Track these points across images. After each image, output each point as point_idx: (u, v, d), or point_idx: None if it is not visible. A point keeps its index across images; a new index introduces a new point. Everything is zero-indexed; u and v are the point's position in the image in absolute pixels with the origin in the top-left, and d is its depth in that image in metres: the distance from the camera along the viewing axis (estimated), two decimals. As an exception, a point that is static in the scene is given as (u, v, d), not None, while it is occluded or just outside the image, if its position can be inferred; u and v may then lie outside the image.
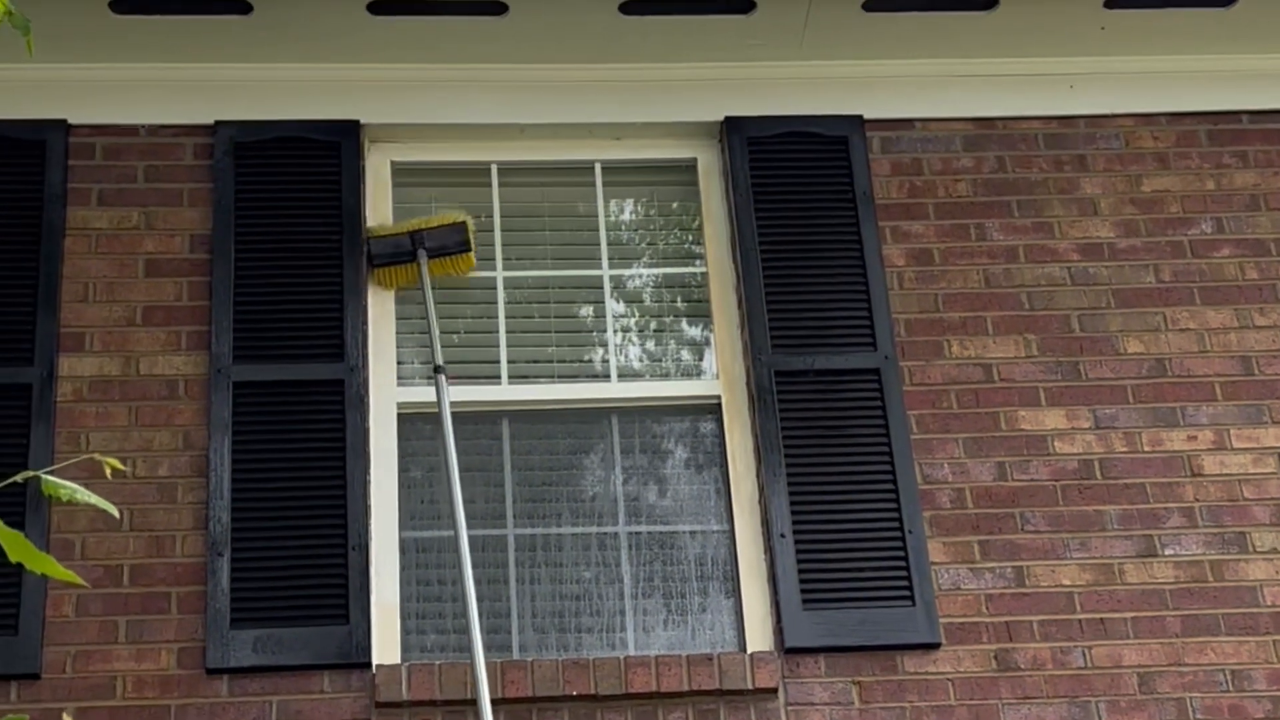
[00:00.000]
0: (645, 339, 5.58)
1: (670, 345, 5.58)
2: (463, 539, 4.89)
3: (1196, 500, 5.26)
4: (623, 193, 5.81)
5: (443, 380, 5.20)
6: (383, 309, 5.47)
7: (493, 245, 5.67)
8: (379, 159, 5.70)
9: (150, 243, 5.43)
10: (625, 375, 5.51)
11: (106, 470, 2.73)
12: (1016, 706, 4.94)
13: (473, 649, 4.71)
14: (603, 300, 5.62)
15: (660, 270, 5.70)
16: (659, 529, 5.30)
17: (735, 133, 5.69)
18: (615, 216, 5.78)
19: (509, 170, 5.79)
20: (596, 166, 5.80)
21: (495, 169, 5.77)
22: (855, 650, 4.97)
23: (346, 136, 5.59)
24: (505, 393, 5.42)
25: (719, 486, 5.33)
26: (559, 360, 5.53)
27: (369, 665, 4.88)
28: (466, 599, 4.80)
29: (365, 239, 5.47)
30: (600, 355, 5.54)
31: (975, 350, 5.44)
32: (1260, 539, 5.22)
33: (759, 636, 5.05)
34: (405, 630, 5.07)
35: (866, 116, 5.77)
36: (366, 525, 5.05)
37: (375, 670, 4.86)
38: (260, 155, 5.55)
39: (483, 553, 5.22)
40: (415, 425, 5.36)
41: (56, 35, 5.42)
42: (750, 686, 4.87)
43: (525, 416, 5.42)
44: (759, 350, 5.36)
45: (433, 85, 5.71)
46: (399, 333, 5.47)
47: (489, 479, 5.32)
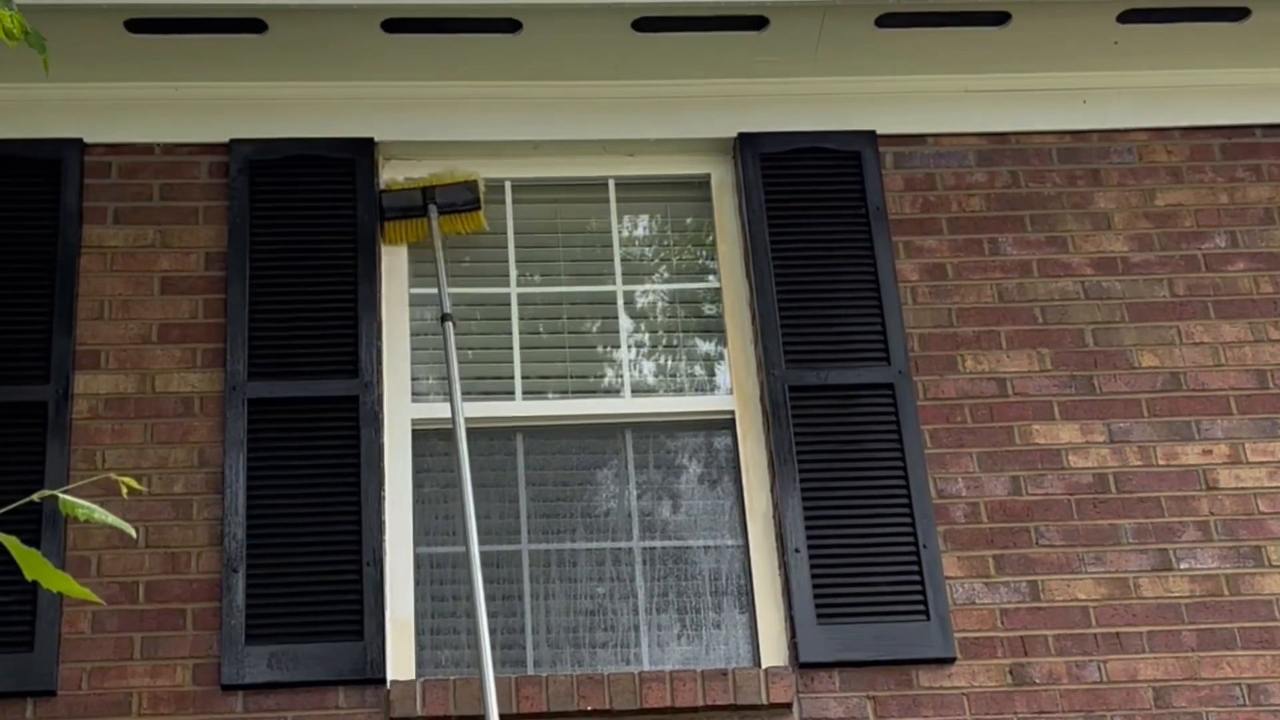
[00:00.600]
0: (659, 354, 5.59)
1: (684, 360, 5.59)
2: (472, 528, 4.92)
3: (1211, 514, 5.25)
4: (636, 209, 5.82)
5: (450, 329, 5.29)
6: (397, 325, 5.48)
7: (507, 261, 5.68)
8: (393, 176, 5.71)
9: (165, 261, 5.45)
10: (639, 391, 5.52)
11: (123, 490, 2.74)
12: (1032, 721, 4.93)
13: (481, 664, 4.71)
14: (616, 316, 5.62)
15: (674, 286, 5.71)
16: (673, 544, 5.30)
17: (749, 148, 5.70)
18: (629, 232, 5.79)
19: (523, 187, 5.80)
20: (610, 183, 5.82)
21: (509, 186, 5.79)
22: (870, 665, 4.96)
23: (361, 154, 5.61)
24: (519, 408, 5.43)
25: (733, 501, 5.34)
26: (573, 376, 5.54)
27: (384, 681, 4.88)
28: (476, 610, 4.80)
29: (378, 193, 5.55)
30: (614, 371, 5.55)
31: (989, 364, 5.44)
32: (1276, 552, 5.21)
33: (773, 651, 5.04)
34: (420, 646, 5.07)
35: (880, 132, 5.78)
36: (381, 541, 5.05)
37: (390, 686, 4.86)
38: (275, 173, 5.57)
39: (497, 568, 5.23)
40: (430, 441, 5.37)
41: (72, 55, 5.44)
42: (765, 702, 4.87)
43: (539, 432, 5.42)
44: (773, 365, 5.36)
45: (447, 103, 5.73)
46: (413, 349, 5.48)
47: (503, 494, 5.33)
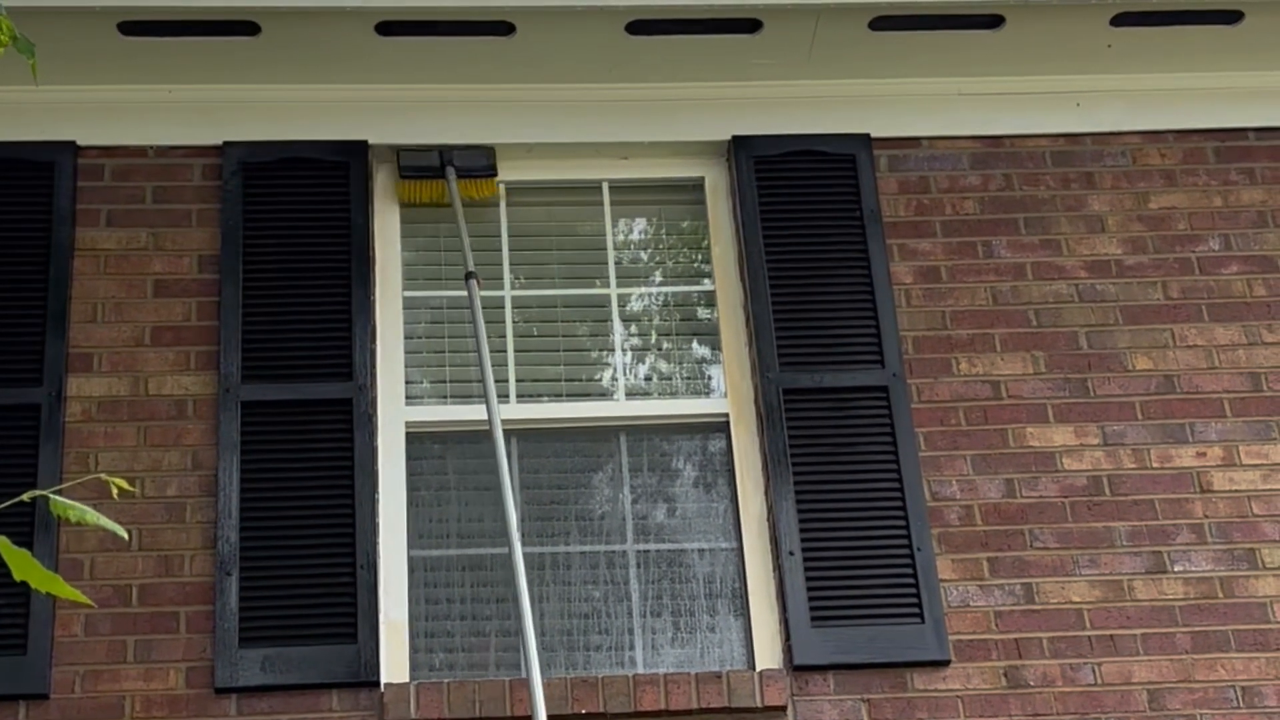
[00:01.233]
0: (653, 357, 5.59)
1: (678, 363, 5.58)
2: (514, 526, 4.93)
3: (1206, 516, 5.25)
4: (630, 211, 5.81)
5: (474, 285, 5.35)
6: (391, 328, 5.47)
7: (500, 265, 5.68)
8: (387, 179, 5.71)
9: (159, 263, 5.45)
10: (633, 394, 5.51)
11: (113, 491, 2.73)
12: (1026, 724, 4.93)
13: (529, 664, 4.71)
14: (610, 319, 5.62)
15: (668, 289, 5.71)
16: (667, 547, 5.30)
17: (742, 151, 5.70)
18: (623, 235, 5.79)
19: (517, 190, 5.80)
20: (604, 186, 5.81)
21: (503, 188, 5.78)
22: (864, 668, 4.96)
23: (354, 157, 5.60)
24: (513, 411, 5.42)
25: (728, 504, 5.33)
26: (567, 379, 5.53)
27: (377, 684, 4.87)
28: (521, 612, 4.79)
29: (397, 151, 5.61)
30: (608, 374, 5.55)
31: (983, 367, 5.44)
32: (1270, 555, 5.21)
33: (768, 654, 5.04)
34: (414, 649, 5.06)
35: (874, 135, 5.78)
36: (375, 544, 5.05)
37: (384, 689, 4.86)
38: (268, 176, 5.56)
39: (491, 571, 5.22)
40: (423, 444, 5.36)
41: (65, 57, 5.44)
42: (759, 704, 4.86)
43: (533, 435, 5.42)
44: (767, 368, 5.36)
45: (440, 105, 5.73)
46: (407, 352, 5.47)
47: (497, 497, 5.31)
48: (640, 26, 5.57)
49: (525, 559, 5.21)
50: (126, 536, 2.69)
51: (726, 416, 5.42)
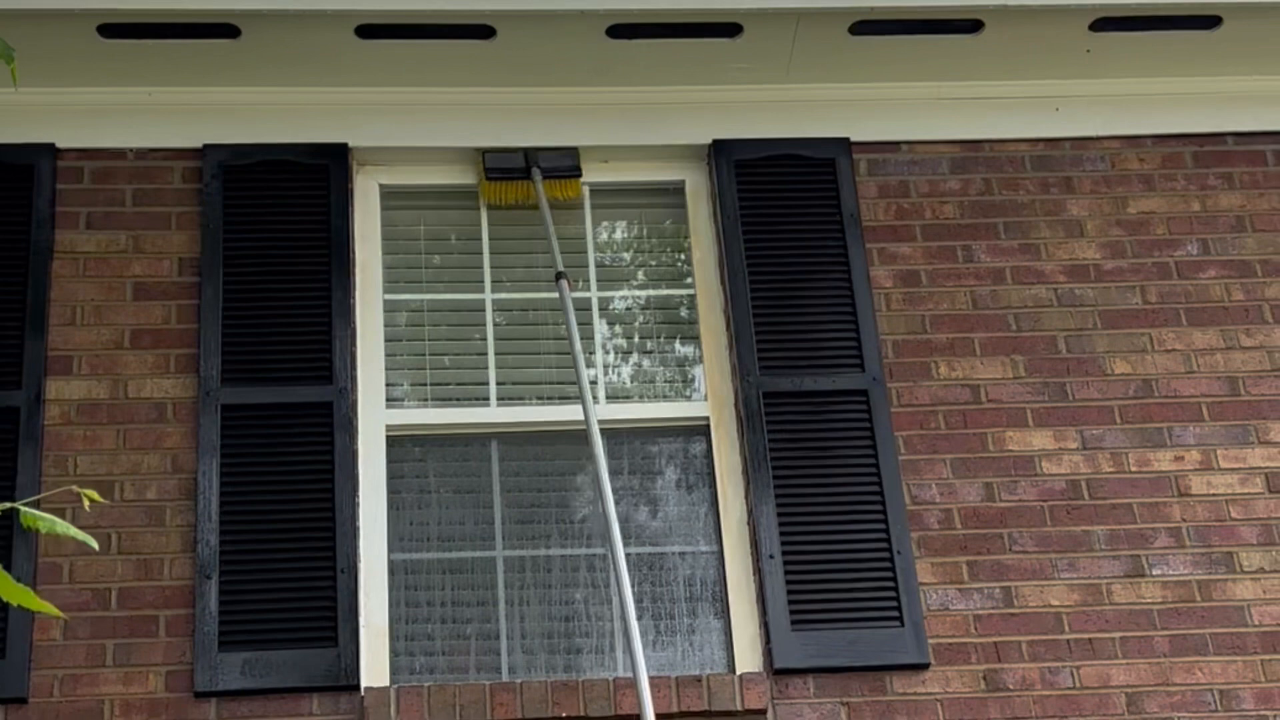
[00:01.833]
0: (634, 360, 5.59)
1: (659, 367, 5.59)
2: (614, 526, 4.94)
3: (1184, 520, 5.27)
4: (611, 215, 5.82)
5: (565, 285, 5.39)
6: (371, 331, 5.47)
7: (481, 268, 5.68)
8: (367, 182, 5.71)
9: (138, 266, 5.44)
10: (614, 397, 5.52)
11: (85, 502, 2.73)
12: (1005, 727, 4.95)
13: (635, 665, 4.72)
14: (591, 322, 5.62)
15: (649, 292, 5.71)
16: (648, 550, 5.30)
17: (723, 155, 5.71)
18: (604, 238, 5.79)
19: (498, 193, 5.80)
20: (585, 189, 5.82)
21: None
22: (844, 671, 4.97)
23: (335, 160, 5.60)
24: (494, 414, 5.43)
25: (708, 507, 5.34)
26: (548, 382, 5.53)
27: (358, 687, 4.87)
28: (626, 613, 4.81)
29: (482, 153, 5.63)
30: (589, 377, 5.54)
31: (963, 371, 5.46)
32: (1248, 559, 5.23)
33: (748, 657, 5.05)
34: (394, 652, 5.06)
35: (853, 139, 5.79)
36: (355, 547, 5.04)
37: (364, 693, 4.85)
38: (248, 178, 5.56)
39: (471, 574, 5.22)
40: (404, 447, 5.36)
41: (44, 59, 5.42)
42: (739, 708, 4.87)
43: (514, 438, 5.42)
44: (747, 371, 5.37)
45: (421, 108, 5.73)
46: (387, 355, 5.47)
47: (478, 500, 5.32)
48: (621, 30, 5.58)
49: (506, 562, 5.21)
50: (97, 546, 2.69)
51: (707, 420, 5.43)
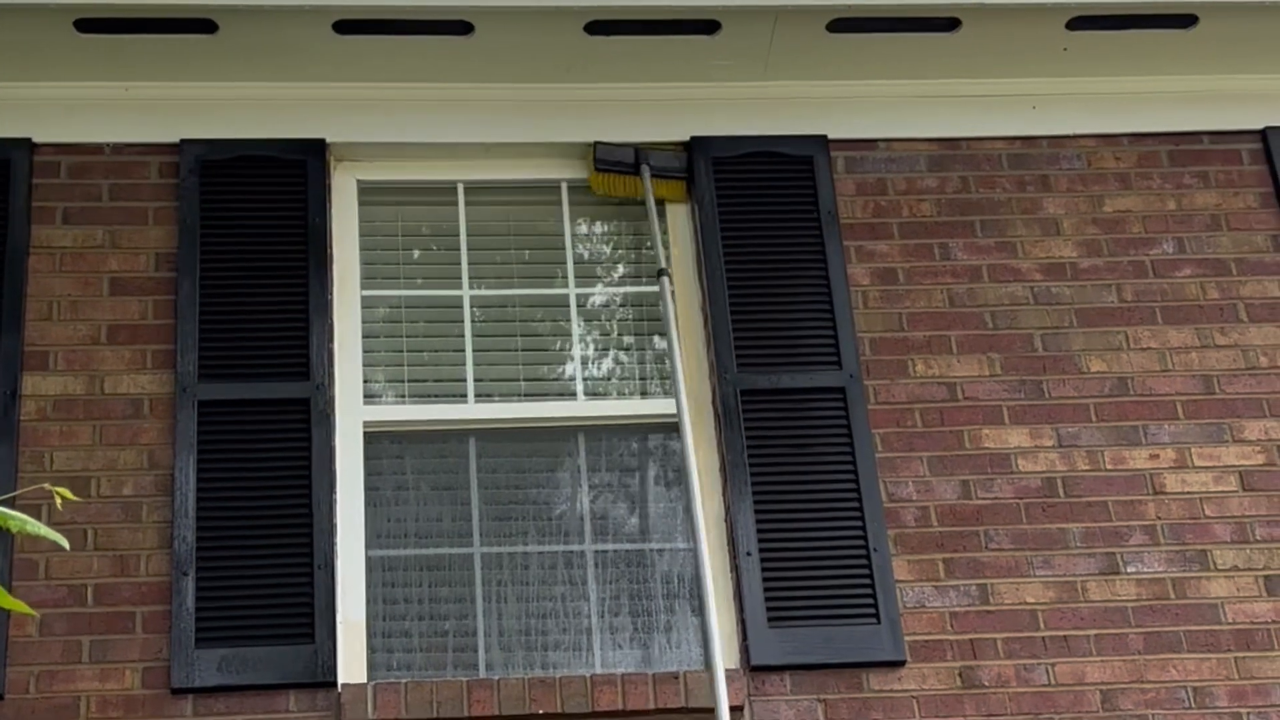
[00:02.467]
0: (611, 357, 5.59)
1: (636, 363, 5.59)
2: (699, 519, 5.01)
3: (1158, 518, 5.30)
4: (589, 212, 5.81)
5: (666, 282, 5.44)
6: (349, 327, 5.46)
7: (459, 264, 5.67)
8: (345, 178, 5.70)
9: (115, 261, 5.42)
10: (591, 394, 5.52)
11: (57, 500, 2.73)
12: (981, 724, 4.96)
13: (711, 658, 4.78)
14: (569, 319, 5.62)
15: (626, 289, 5.72)
16: (625, 547, 5.31)
17: (701, 152, 5.72)
18: (581, 235, 5.79)
19: (475, 189, 5.79)
20: (563, 186, 5.82)
21: (461, 188, 5.78)
22: (821, 668, 4.98)
23: (312, 155, 5.59)
24: (472, 411, 5.43)
25: (685, 504, 5.34)
26: (525, 379, 5.53)
27: (335, 684, 4.86)
28: (705, 607, 4.86)
29: (593, 144, 5.66)
30: (566, 374, 5.55)
31: (939, 369, 5.47)
32: (1221, 556, 5.26)
33: (725, 655, 5.05)
34: (371, 649, 5.06)
35: (831, 136, 5.80)
36: (332, 544, 5.04)
37: (341, 689, 4.85)
38: (226, 174, 5.54)
39: (449, 571, 5.22)
40: (382, 444, 5.36)
41: (21, 54, 5.41)
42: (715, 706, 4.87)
43: (492, 435, 5.42)
44: (724, 369, 5.37)
45: (399, 104, 5.72)
46: (365, 351, 5.46)
47: (456, 497, 5.32)
48: (599, 27, 5.57)
49: (483, 559, 5.22)
50: (69, 546, 2.70)
51: (677, 419, 5.42)
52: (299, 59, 5.57)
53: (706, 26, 5.61)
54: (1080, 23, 5.73)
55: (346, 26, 5.49)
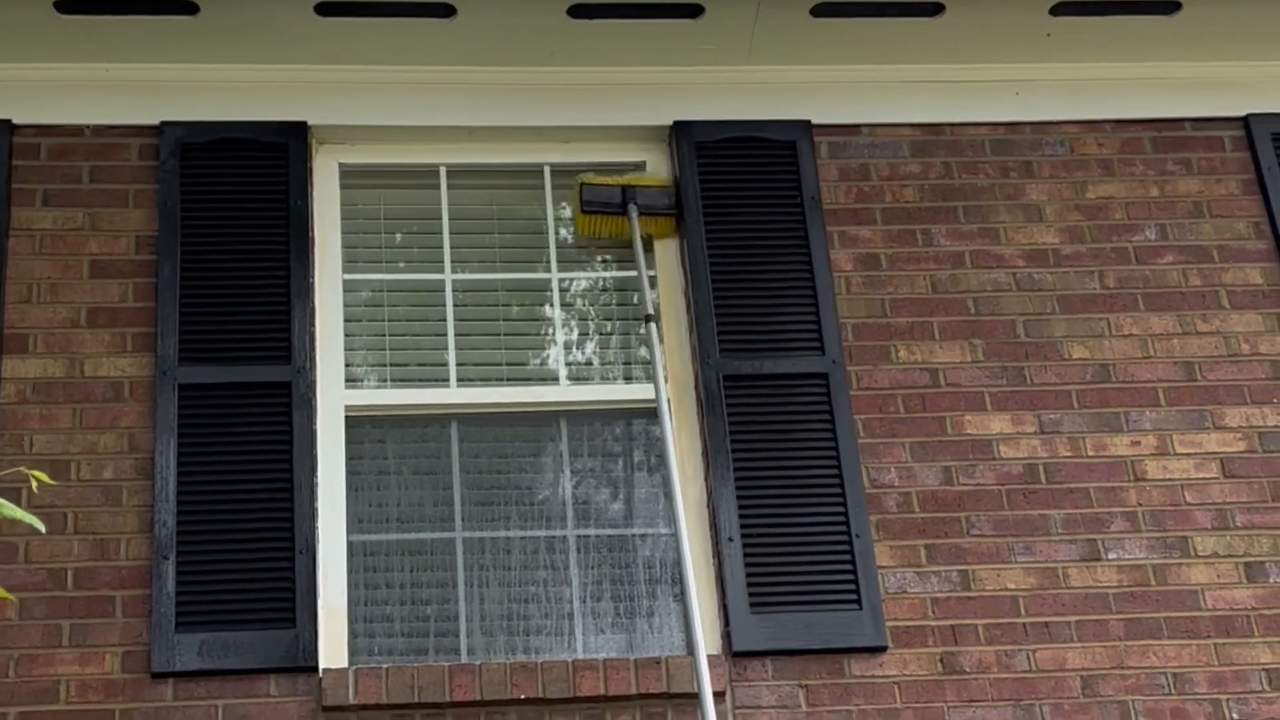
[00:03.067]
0: (594, 342, 5.58)
1: (619, 348, 5.58)
2: (679, 508, 4.98)
3: (1139, 505, 5.31)
4: (572, 196, 5.80)
5: (654, 330, 5.32)
6: (330, 311, 5.44)
7: (441, 248, 5.66)
8: (327, 161, 5.68)
9: (95, 244, 5.40)
10: (574, 378, 5.51)
11: (33, 484, 2.73)
12: (962, 709, 4.97)
13: (693, 643, 4.75)
14: (552, 303, 5.61)
15: (609, 274, 5.70)
16: (608, 532, 5.31)
17: (684, 137, 5.71)
18: (564, 219, 5.78)
19: (457, 173, 5.78)
20: (545, 169, 5.80)
21: (444, 171, 5.76)
22: (802, 654, 4.99)
23: (294, 138, 5.57)
24: (454, 395, 5.41)
25: (666, 491, 5.33)
26: (508, 363, 5.52)
27: (316, 669, 4.86)
28: (686, 592, 4.84)
29: (579, 184, 5.57)
30: (549, 358, 5.54)
31: (922, 355, 5.47)
32: (1202, 543, 5.27)
33: (707, 640, 5.04)
34: (353, 634, 5.05)
35: (814, 121, 5.79)
36: (314, 528, 5.03)
37: (322, 674, 4.84)
38: (207, 156, 5.52)
39: (431, 556, 5.21)
40: (363, 428, 5.34)
41: (1, 35, 5.38)
42: (698, 690, 4.87)
43: (474, 419, 5.41)
44: (707, 354, 5.37)
45: (381, 87, 5.70)
46: (347, 334, 5.45)
47: (438, 482, 5.31)
48: (582, 10, 5.56)
49: (465, 543, 5.21)
50: (44, 529, 2.70)
51: (668, 401, 5.42)
52: (281, 41, 5.55)
53: (690, 10, 5.60)
54: (1064, 8, 5.73)
55: (328, 8, 5.47)
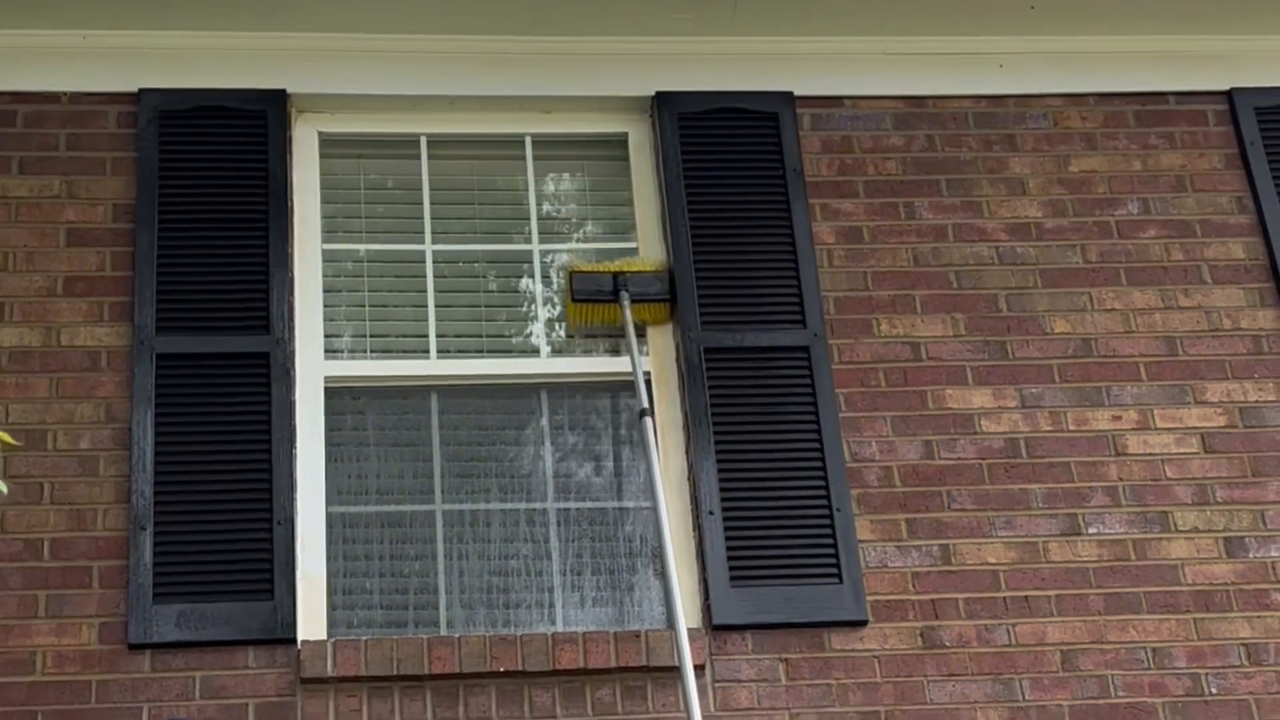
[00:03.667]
0: (575, 314, 5.56)
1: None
2: (659, 488, 4.95)
3: (1120, 479, 5.31)
4: (553, 167, 5.78)
5: (649, 424, 5.11)
6: (310, 281, 5.41)
7: (422, 218, 5.63)
8: (306, 130, 5.64)
9: (72, 212, 5.36)
10: (555, 351, 5.49)
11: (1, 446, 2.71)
12: (942, 684, 4.97)
13: (673, 617, 4.74)
14: (533, 275, 5.59)
15: (590, 245, 5.68)
16: (588, 505, 5.29)
17: (666, 108, 5.68)
18: (546, 190, 5.75)
19: (438, 142, 5.74)
20: (527, 140, 5.77)
21: (424, 141, 5.73)
22: (782, 628, 4.98)
23: (273, 106, 5.53)
24: (434, 367, 5.39)
25: (645, 464, 5.31)
26: (488, 335, 5.50)
27: (294, 641, 4.84)
28: (666, 565, 4.83)
29: (569, 272, 5.43)
30: (530, 330, 5.52)
31: (904, 329, 5.46)
32: (1182, 518, 5.27)
33: (687, 614, 5.03)
34: (331, 606, 5.03)
35: (797, 93, 5.77)
36: (292, 500, 5.00)
37: (300, 646, 4.82)
38: (185, 124, 5.48)
39: (410, 528, 5.19)
40: (342, 399, 5.32)
41: (-24, -1, 5.34)
42: (678, 663, 4.86)
43: (454, 391, 5.39)
44: (688, 327, 5.35)
45: (361, 56, 5.66)
46: (326, 305, 5.42)
47: (417, 454, 5.29)
48: (565, -20, 5.54)
49: (445, 516, 5.19)
50: (6, 491, 2.67)
51: (648, 375, 5.41)
52: (260, 8, 5.51)
53: (673, -20, 5.58)
54: (1048, -19, 5.72)
55: (309, -25, 5.44)
